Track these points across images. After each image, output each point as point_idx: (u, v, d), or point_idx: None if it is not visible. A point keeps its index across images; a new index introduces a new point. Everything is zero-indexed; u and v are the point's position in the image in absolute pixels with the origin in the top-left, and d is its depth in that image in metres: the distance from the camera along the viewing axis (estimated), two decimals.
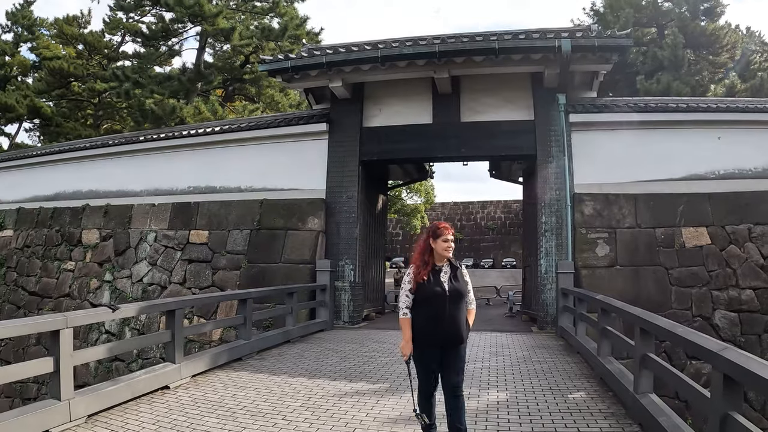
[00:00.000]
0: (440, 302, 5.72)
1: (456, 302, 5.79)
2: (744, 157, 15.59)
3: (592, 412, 7.31)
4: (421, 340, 5.76)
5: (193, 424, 6.82)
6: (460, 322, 5.78)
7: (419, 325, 5.77)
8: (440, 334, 5.71)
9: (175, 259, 17.69)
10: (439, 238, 5.93)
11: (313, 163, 17.05)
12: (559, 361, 10.70)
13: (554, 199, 15.55)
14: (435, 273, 5.87)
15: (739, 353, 4.50)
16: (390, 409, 7.51)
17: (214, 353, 10.43)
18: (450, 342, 5.75)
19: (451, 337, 5.74)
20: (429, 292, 5.76)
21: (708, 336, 5.42)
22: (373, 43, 16.11)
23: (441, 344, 5.75)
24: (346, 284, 16.44)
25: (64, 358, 6.62)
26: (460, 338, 5.79)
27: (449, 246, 5.96)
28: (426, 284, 5.80)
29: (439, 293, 5.75)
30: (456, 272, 5.96)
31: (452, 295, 5.78)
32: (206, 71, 33.29)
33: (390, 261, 42.07)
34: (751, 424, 4.21)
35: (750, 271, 14.56)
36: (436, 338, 5.72)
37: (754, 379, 4.02)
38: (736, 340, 13.95)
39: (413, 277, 5.90)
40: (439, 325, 5.69)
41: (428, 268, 5.87)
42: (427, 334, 5.72)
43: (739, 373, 4.27)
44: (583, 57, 14.99)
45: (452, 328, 5.73)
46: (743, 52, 35.05)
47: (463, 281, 5.95)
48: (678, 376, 5.93)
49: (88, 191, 20.66)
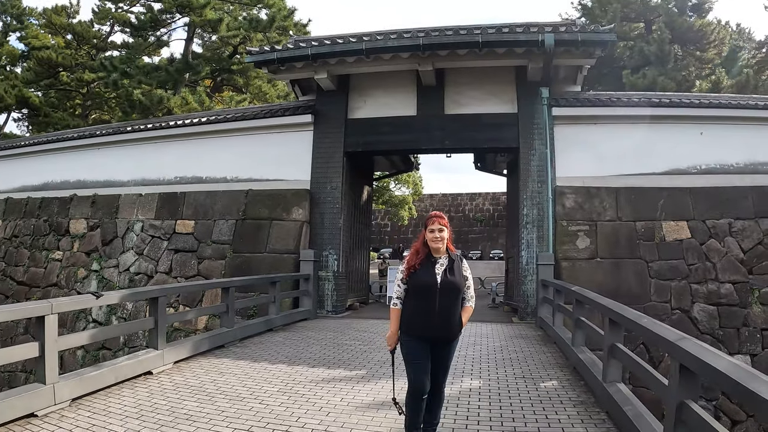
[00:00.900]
0: (430, 294, 5.46)
1: (448, 296, 5.50)
2: (726, 152, 15.80)
3: (562, 400, 7.47)
4: (408, 333, 5.56)
5: (173, 407, 6.98)
6: (451, 318, 5.52)
7: (407, 317, 5.57)
8: (429, 328, 5.45)
9: (162, 248, 17.82)
10: (426, 228, 5.73)
11: (299, 154, 17.16)
12: (536, 351, 10.89)
13: (536, 191, 15.72)
14: (430, 264, 5.61)
15: (695, 344, 4.62)
16: (364, 395, 7.68)
17: (196, 340, 10.58)
18: (439, 338, 5.54)
19: (440, 332, 5.50)
20: (419, 283, 5.53)
21: (669, 327, 5.53)
22: (358, 36, 16.20)
23: (430, 339, 5.49)
24: (329, 274, 16.58)
25: (49, 343, 6.81)
26: (450, 335, 5.58)
27: (435, 237, 5.62)
28: (417, 274, 5.57)
29: (430, 285, 5.48)
30: (453, 265, 5.65)
31: (444, 288, 5.48)
32: (194, 62, 33.31)
33: (378, 252, 42.19)
34: (704, 413, 4.36)
35: (730, 265, 14.75)
36: (424, 332, 5.48)
37: (707, 369, 4.14)
38: (715, 333, 14.20)
39: (406, 266, 5.70)
40: (428, 319, 5.44)
41: (420, 257, 5.63)
42: (415, 327, 5.51)
43: (693, 363, 4.40)
44: (566, 51, 15.12)
45: (442, 323, 5.47)
46: (732, 48, 35.22)
47: (459, 275, 5.65)
48: (641, 365, 6.09)
49: (76, 181, 20.74)
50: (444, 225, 5.68)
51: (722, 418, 13.23)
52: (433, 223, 5.68)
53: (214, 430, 6.22)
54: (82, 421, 6.33)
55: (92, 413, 6.65)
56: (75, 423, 6.27)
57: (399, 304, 5.67)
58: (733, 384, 3.70)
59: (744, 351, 14.16)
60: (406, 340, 5.57)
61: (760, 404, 3.36)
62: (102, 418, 6.46)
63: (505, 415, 6.79)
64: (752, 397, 3.43)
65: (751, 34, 41.37)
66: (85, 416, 6.51)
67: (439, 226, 5.65)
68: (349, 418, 6.70)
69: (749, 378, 3.61)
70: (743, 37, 39.91)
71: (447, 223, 5.76)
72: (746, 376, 3.67)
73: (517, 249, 16.35)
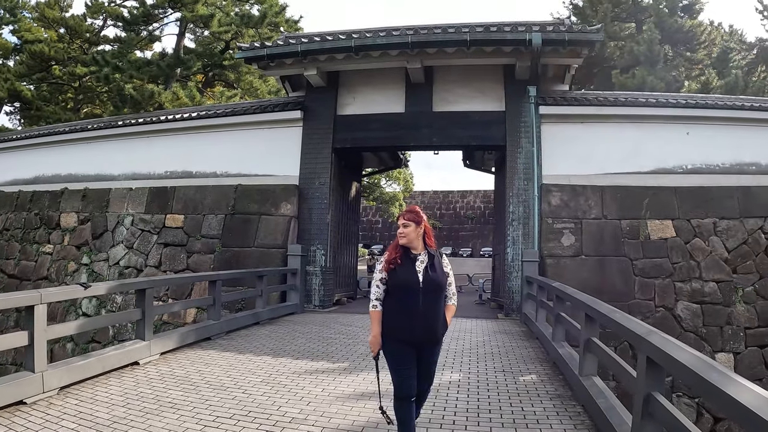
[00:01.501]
0: (412, 294, 5.14)
1: (431, 294, 5.20)
2: (712, 152, 15.98)
3: (539, 393, 7.61)
4: (392, 336, 5.20)
5: (158, 396, 7.11)
6: (435, 318, 5.24)
7: (389, 319, 5.22)
8: (413, 329, 5.12)
9: (152, 242, 17.91)
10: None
11: (288, 150, 17.28)
12: (518, 346, 11.03)
13: (522, 189, 15.87)
14: (409, 261, 5.27)
15: (662, 337, 4.72)
16: (345, 386, 7.82)
17: (183, 332, 10.71)
18: (424, 340, 5.22)
19: (425, 334, 5.18)
20: (400, 282, 5.19)
21: (639, 321, 5.67)
22: (347, 33, 16.31)
23: (415, 341, 5.17)
24: (317, 269, 16.72)
25: (39, 332, 6.93)
26: (435, 336, 5.30)
27: (401, 233, 5.35)
28: (397, 272, 5.22)
29: (412, 283, 5.16)
30: (433, 261, 5.32)
31: (427, 286, 5.17)
32: (185, 57, 33.25)
33: (369, 248, 42.31)
34: (669, 404, 4.46)
35: (714, 264, 14.91)
36: (408, 334, 5.13)
37: (671, 361, 4.25)
38: (698, 331, 14.37)
39: (384, 264, 5.33)
40: (411, 320, 5.12)
41: (398, 254, 5.28)
42: (399, 329, 5.16)
43: (659, 356, 4.50)
44: (554, 51, 15.31)
45: (427, 323, 5.17)
46: (723, 49, 35.37)
47: (441, 272, 5.34)
48: (614, 358, 6.23)
49: (67, 175, 20.80)
50: (410, 219, 5.36)
51: (704, 416, 13.40)
52: (399, 218, 5.49)
53: (198, 417, 6.35)
54: (69, 409, 6.44)
55: (80, 401, 6.77)
56: (63, 410, 6.38)
57: (379, 305, 5.30)
58: (694, 375, 3.80)
59: (727, 349, 14.32)
60: (390, 345, 5.24)
61: (717, 395, 3.46)
62: (89, 406, 6.58)
63: (482, 407, 6.91)
64: (710, 388, 3.53)
65: (743, 35, 41.51)
66: (72, 404, 6.63)
67: (403, 221, 5.39)
68: (329, 407, 6.82)
69: (708, 369, 3.72)
70: (734, 38, 40.01)
71: (417, 217, 5.41)
72: (706, 367, 3.77)
73: (503, 246, 16.49)
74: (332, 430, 6.09)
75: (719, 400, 3.47)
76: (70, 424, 5.95)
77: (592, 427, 6.23)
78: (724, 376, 3.54)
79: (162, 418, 6.29)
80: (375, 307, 5.31)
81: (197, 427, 6.06)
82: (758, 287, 14.81)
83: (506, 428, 6.21)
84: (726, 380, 3.48)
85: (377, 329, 5.27)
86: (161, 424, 6.09)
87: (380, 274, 5.32)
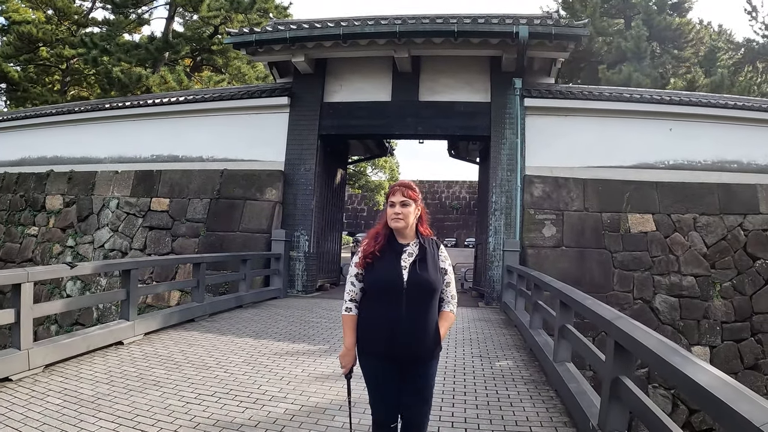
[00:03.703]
0: (393, 296, 3.91)
1: (418, 298, 3.93)
2: (694, 149, 16.12)
3: (514, 378, 7.80)
4: (367, 350, 4.05)
5: (141, 375, 7.23)
6: (423, 329, 3.95)
7: (364, 328, 4.05)
8: (392, 343, 3.90)
9: (137, 225, 17.93)
10: (387, 202, 4.21)
11: (274, 136, 17.35)
12: (496, 333, 11.20)
13: (505, 179, 16.01)
14: (393, 253, 4.05)
15: (628, 322, 4.83)
16: (325, 367, 7.99)
17: (166, 313, 10.82)
18: (408, 356, 3.96)
19: (408, 349, 3.93)
20: (379, 280, 4.00)
21: (609, 307, 5.80)
22: (336, 21, 16.34)
23: (396, 357, 3.96)
24: (300, 254, 16.84)
25: (25, 310, 7.02)
26: (422, 352, 3.99)
27: (395, 213, 4.06)
28: (375, 268, 4.03)
29: (393, 282, 3.93)
30: (425, 254, 4.07)
31: (413, 287, 3.92)
32: (174, 41, 33.16)
33: (354, 236, 42.42)
34: (635, 387, 4.57)
35: (693, 258, 15.09)
36: (386, 348, 3.93)
37: (637, 346, 4.36)
38: (675, 324, 14.55)
39: (360, 255, 4.14)
40: (391, 330, 3.90)
41: (379, 243, 4.08)
42: (374, 342, 3.98)
43: (626, 340, 4.62)
44: (540, 44, 15.42)
45: (411, 336, 3.91)
46: (710, 48, 35.60)
47: (434, 269, 4.06)
48: (585, 344, 6.37)
49: (53, 157, 20.76)
50: (411, 197, 4.09)
51: (680, 407, 13.60)
52: (395, 193, 4.12)
53: (180, 394, 6.49)
54: (54, 386, 6.55)
55: (64, 378, 6.88)
56: (48, 387, 6.49)
57: (354, 309, 4.11)
58: (657, 359, 3.92)
59: (704, 343, 14.51)
60: (364, 359, 4.08)
61: (678, 376, 3.58)
62: (74, 383, 6.69)
63: (458, 390, 7.07)
64: (672, 370, 3.65)
65: (731, 35, 41.76)
66: (57, 381, 6.73)
67: (402, 198, 4.07)
68: (308, 387, 6.99)
69: (670, 353, 3.85)
70: (723, 38, 40.24)
71: (417, 195, 4.16)
72: (668, 351, 3.90)
73: (485, 235, 16.64)
74: (310, 408, 6.24)
75: (680, 381, 3.58)
76: (55, 400, 6.06)
77: (563, 410, 6.40)
78: (685, 359, 3.66)
79: (145, 395, 6.41)
80: (348, 310, 4.10)
81: (179, 403, 6.19)
82: (736, 283, 15.00)
83: (480, 410, 6.37)
84: (686, 362, 3.60)
85: (350, 339, 4.08)
86: (144, 400, 6.21)
87: (355, 269, 4.14)
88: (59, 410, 5.77)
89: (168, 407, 6.04)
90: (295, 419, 5.89)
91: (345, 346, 4.10)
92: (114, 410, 5.84)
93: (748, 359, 14.48)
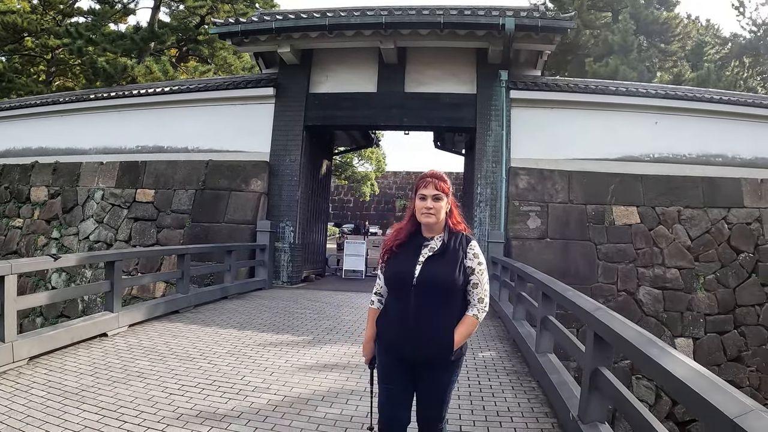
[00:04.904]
0: (403, 291, 3.71)
1: (428, 296, 3.64)
2: (679, 142, 16.19)
3: (497, 369, 7.87)
4: (379, 345, 3.94)
5: (126, 366, 7.24)
6: (431, 328, 3.64)
7: (379, 322, 3.93)
8: (399, 340, 3.72)
9: (122, 217, 17.86)
10: (416, 194, 3.85)
11: (260, 127, 17.30)
12: (480, 324, 11.16)
13: (490, 171, 16.04)
14: (413, 247, 3.82)
15: (608, 314, 4.89)
16: (308, 358, 8.04)
17: (151, 305, 10.83)
18: (415, 358, 3.72)
19: (415, 349, 3.68)
20: (392, 275, 3.84)
21: (589, 298, 5.84)
22: (322, 11, 16.28)
23: (404, 357, 3.76)
24: (285, 245, 16.83)
25: (9, 302, 7.01)
26: (430, 353, 3.69)
27: (427, 208, 3.75)
28: (392, 262, 3.86)
29: (403, 277, 3.73)
30: (445, 250, 3.75)
31: (422, 284, 3.65)
32: (160, 31, 32.99)
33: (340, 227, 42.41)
34: (615, 379, 4.62)
35: (677, 251, 15.19)
36: (394, 345, 3.79)
37: (616, 337, 4.41)
38: (659, 315, 14.64)
39: (382, 249, 4.01)
40: (399, 327, 3.71)
41: (401, 237, 3.88)
42: (385, 337, 3.85)
43: (605, 331, 4.68)
44: (526, 36, 15.44)
45: (417, 337, 3.64)
46: (697, 42, 35.73)
47: (453, 266, 3.71)
48: (566, 335, 6.43)
49: (38, 148, 20.59)
50: (444, 190, 3.79)
51: (663, 398, 13.68)
52: (427, 185, 3.79)
53: (164, 386, 6.51)
54: (39, 378, 6.55)
55: (49, 370, 6.87)
56: (32, 379, 6.49)
57: (377, 302, 4.05)
58: (635, 350, 3.96)
59: (687, 335, 14.63)
60: (378, 353, 3.97)
61: (655, 368, 3.61)
62: (58, 375, 6.69)
63: None
64: (649, 361, 3.69)
65: (718, 30, 41.99)
66: (42, 373, 6.72)
67: (435, 192, 3.76)
68: (291, 377, 7.03)
69: (648, 344, 3.89)
70: (710, 32, 40.40)
71: (449, 188, 3.88)
72: (646, 342, 3.94)
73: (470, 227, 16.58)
74: (293, 398, 6.26)
75: (657, 373, 3.62)
76: (39, 392, 6.06)
77: (544, 400, 6.46)
78: (662, 351, 3.69)
79: (129, 386, 6.42)
80: (372, 303, 4.09)
81: (163, 395, 6.21)
82: (719, 275, 15.12)
83: (462, 400, 6.40)
84: (663, 354, 3.63)
85: (369, 331, 4.03)
86: (128, 392, 6.22)
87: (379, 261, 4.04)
88: (43, 402, 5.76)
89: (152, 398, 6.06)
90: (277, 409, 5.91)
91: (366, 336, 4.09)
92: (98, 402, 5.85)
93: (731, 351, 14.60)
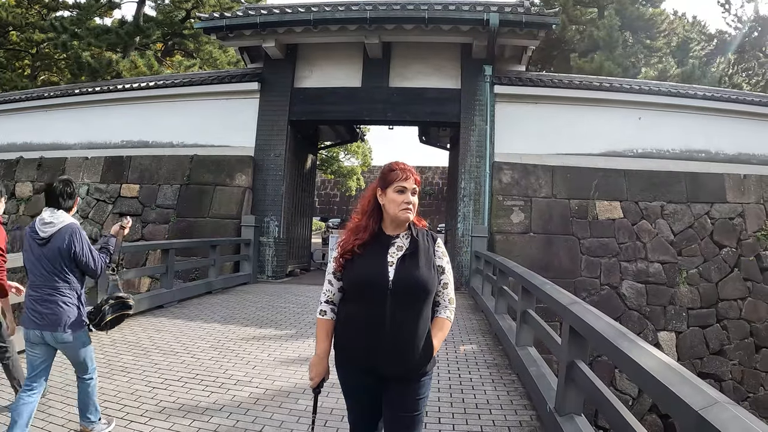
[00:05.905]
0: (377, 298, 3.16)
1: (407, 301, 3.17)
2: (663, 138, 16.34)
3: (477, 362, 7.96)
4: (345, 362, 3.34)
5: (109, 361, 7.29)
6: (411, 338, 3.17)
7: (342, 336, 3.33)
8: (374, 353, 3.17)
9: (107, 212, 17.83)
10: (390, 186, 3.31)
11: (244, 121, 17.28)
12: (462, 318, 11.28)
13: (474, 166, 16.12)
14: (380, 247, 3.29)
15: (582, 307, 4.96)
16: (291, 351, 8.11)
17: (135, 300, 10.76)
18: (393, 372, 3.19)
19: (393, 362, 3.17)
20: (359, 278, 3.24)
21: (566, 292, 5.90)
22: (306, 6, 16.26)
23: (375, 371, 3.22)
24: (270, 240, 16.85)
25: None
26: (409, 366, 3.19)
27: (405, 203, 3.27)
28: (355, 264, 3.27)
29: (375, 281, 3.18)
30: (417, 248, 3.28)
31: (399, 288, 3.16)
32: (145, 25, 32.83)
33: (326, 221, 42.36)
34: (589, 370, 4.68)
35: (659, 245, 15.33)
36: (365, 359, 3.22)
37: (589, 330, 4.48)
38: (642, 309, 14.77)
39: (339, 251, 3.37)
40: (371, 339, 3.17)
41: (365, 235, 3.32)
42: (352, 352, 3.29)
43: (579, 324, 4.75)
44: (511, 32, 15.50)
45: (395, 346, 3.15)
46: (683, 39, 35.88)
47: (428, 266, 3.27)
48: (544, 328, 6.51)
49: (22, 144, 20.47)
50: (419, 184, 3.42)
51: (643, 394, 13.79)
52: (407, 178, 3.32)
53: (147, 380, 6.56)
54: None
55: None
56: None
57: (330, 312, 3.38)
58: (607, 343, 4.01)
59: (669, 328, 14.75)
60: (343, 375, 3.38)
61: (625, 360, 3.65)
62: None
63: None
64: (619, 354, 3.74)
65: (704, 27, 42.13)
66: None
67: (414, 186, 3.35)
68: (273, 371, 7.09)
69: (619, 337, 3.94)
70: (696, 29, 40.55)
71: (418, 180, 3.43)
72: (617, 335, 4.00)
73: (454, 221, 16.77)
74: (274, 391, 6.31)
75: (626, 365, 3.67)
76: None
77: (523, 393, 6.55)
78: (632, 343, 3.74)
79: (112, 381, 6.47)
80: (323, 313, 3.38)
81: (146, 389, 6.25)
82: (702, 270, 15.28)
83: (442, 393, 6.48)
84: (632, 347, 3.68)
85: (322, 346, 3.37)
86: (112, 386, 6.26)
87: (333, 264, 3.39)
88: None
89: (135, 392, 6.11)
90: (259, 402, 5.97)
91: (316, 354, 3.37)
92: None
93: (714, 345, 14.74)
